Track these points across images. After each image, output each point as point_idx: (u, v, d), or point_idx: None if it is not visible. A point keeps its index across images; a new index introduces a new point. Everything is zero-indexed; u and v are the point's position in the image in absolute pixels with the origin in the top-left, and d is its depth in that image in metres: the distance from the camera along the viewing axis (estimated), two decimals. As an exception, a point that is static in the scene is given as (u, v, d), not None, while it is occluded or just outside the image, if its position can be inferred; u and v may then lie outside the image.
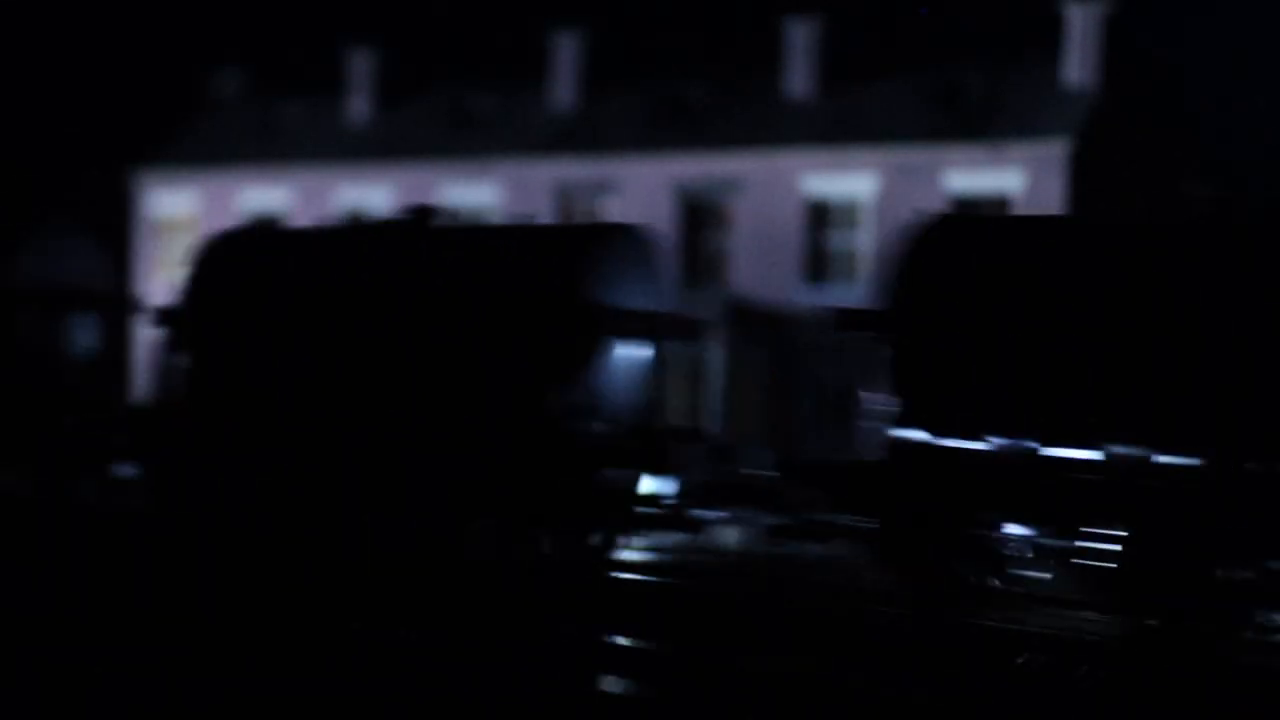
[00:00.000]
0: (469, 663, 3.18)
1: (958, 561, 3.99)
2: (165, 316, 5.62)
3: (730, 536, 5.01)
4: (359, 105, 11.50)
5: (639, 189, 10.01)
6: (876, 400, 4.31)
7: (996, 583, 3.94)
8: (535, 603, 3.71)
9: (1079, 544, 3.80)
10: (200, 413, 5.37)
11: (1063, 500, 3.94)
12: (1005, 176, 9.21)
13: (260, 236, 6.55)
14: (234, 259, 5.63)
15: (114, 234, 11.99)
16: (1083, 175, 8.94)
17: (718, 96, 10.28)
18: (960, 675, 2.97)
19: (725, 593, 3.76)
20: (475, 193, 10.13)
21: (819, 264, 9.53)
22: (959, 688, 2.90)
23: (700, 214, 9.84)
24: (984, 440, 3.91)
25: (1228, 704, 2.86)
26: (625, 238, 5.19)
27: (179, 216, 11.83)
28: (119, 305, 5.96)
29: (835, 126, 9.96)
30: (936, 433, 4.08)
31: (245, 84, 12.22)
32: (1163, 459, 3.75)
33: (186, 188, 11.81)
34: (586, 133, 10.58)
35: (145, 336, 7.41)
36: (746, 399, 9.01)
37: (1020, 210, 8.84)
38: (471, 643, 3.33)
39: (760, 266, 9.54)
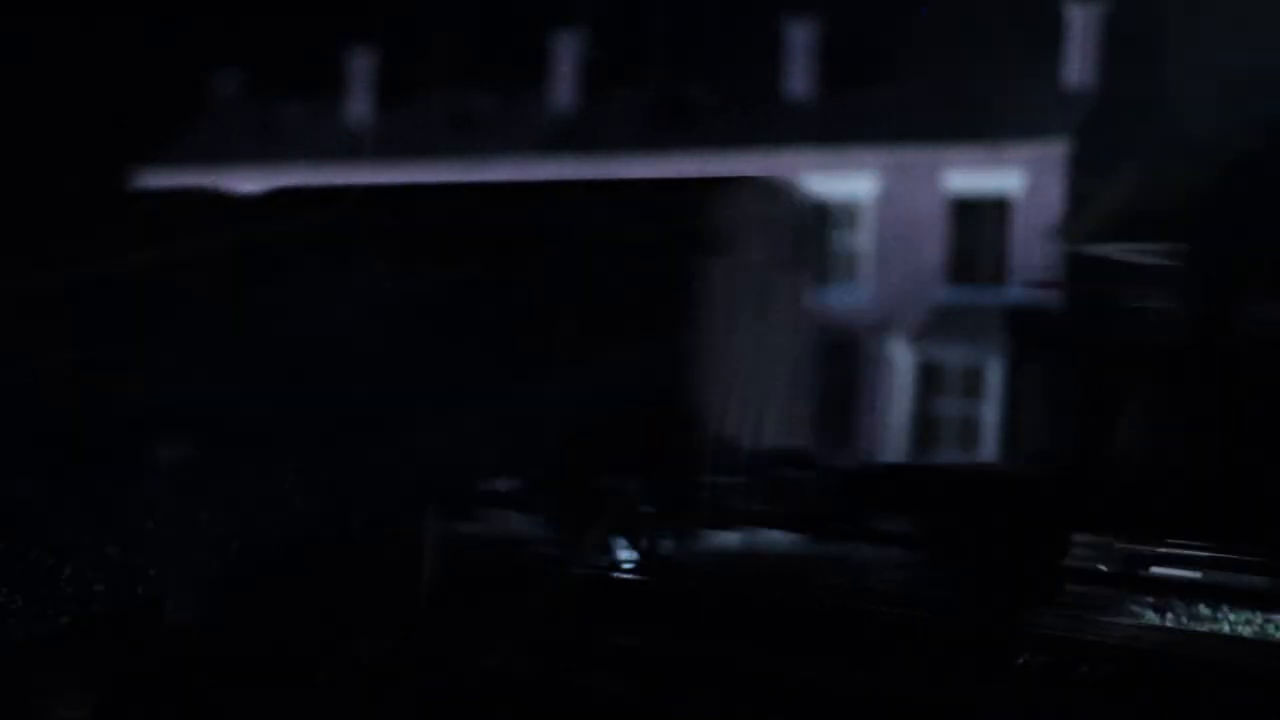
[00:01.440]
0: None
1: None
2: None
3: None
4: (359, 105, 11.56)
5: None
6: None
7: None
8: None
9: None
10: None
11: None
12: (1005, 176, 9.22)
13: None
14: None
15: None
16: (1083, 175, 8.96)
17: (718, 96, 10.33)
18: (960, 675, 2.97)
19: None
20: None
21: (819, 264, 9.54)
22: (959, 687, 2.91)
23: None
24: None
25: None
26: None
27: (179, 217, 11.87)
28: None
29: (835, 126, 10.00)
30: None
31: (245, 84, 12.29)
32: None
33: (187, 188, 11.85)
34: (586, 133, 10.62)
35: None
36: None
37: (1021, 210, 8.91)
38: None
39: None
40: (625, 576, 4.28)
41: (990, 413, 7.80)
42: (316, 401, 3.81)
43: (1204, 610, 3.95)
